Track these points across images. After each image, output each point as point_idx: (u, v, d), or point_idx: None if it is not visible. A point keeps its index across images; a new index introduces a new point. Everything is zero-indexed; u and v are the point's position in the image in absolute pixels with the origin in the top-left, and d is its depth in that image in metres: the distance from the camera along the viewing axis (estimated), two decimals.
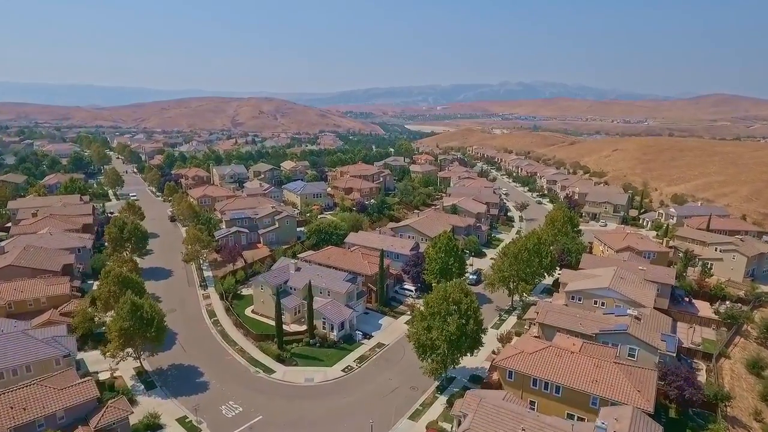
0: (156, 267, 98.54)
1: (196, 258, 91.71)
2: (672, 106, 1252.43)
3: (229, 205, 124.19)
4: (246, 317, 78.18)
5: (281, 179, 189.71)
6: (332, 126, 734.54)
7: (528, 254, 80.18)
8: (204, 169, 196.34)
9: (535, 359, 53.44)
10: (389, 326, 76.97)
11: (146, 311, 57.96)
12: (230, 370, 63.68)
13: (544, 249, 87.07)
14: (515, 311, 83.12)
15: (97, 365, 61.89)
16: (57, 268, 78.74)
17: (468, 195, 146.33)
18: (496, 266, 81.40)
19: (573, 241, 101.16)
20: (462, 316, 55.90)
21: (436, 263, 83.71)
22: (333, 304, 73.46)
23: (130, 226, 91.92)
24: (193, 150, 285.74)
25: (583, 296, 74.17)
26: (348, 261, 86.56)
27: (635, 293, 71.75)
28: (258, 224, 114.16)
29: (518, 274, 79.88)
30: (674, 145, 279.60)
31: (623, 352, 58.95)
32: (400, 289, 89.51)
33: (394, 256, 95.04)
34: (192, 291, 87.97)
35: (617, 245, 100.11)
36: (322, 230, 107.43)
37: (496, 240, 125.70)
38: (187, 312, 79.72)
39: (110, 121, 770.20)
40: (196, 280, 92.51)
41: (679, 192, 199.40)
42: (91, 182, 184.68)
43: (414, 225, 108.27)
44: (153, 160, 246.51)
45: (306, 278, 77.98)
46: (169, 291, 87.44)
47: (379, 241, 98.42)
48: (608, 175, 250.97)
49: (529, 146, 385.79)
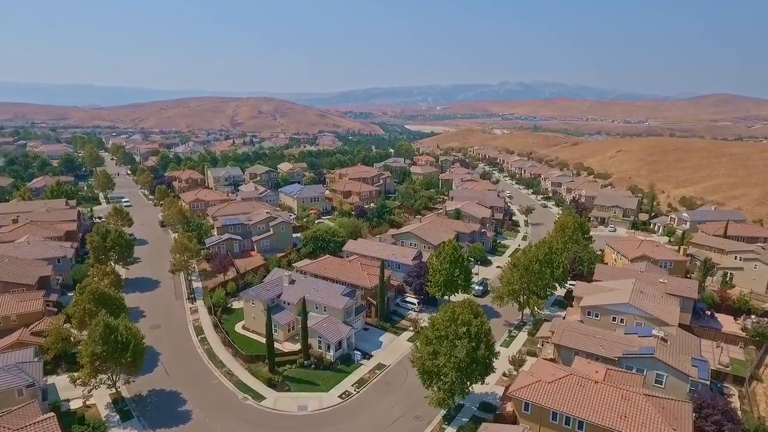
0: (142, 277, 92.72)
1: (183, 269, 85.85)
2: (672, 106, 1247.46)
3: (222, 210, 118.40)
4: (236, 334, 72.47)
5: (278, 182, 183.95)
6: (332, 126, 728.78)
7: (539, 265, 74.54)
8: (198, 171, 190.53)
9: (554, 389, 47.76)
10: (390, 344, 71.25)
11: (121, 334, 52.21)
12: (216, 396, 57.93)
13: (556, 259, 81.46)
14: (525, 326, 77.41)
15: (69, 392, 56.01)
16: (32, 281, 72.93)
17: (471, 199, 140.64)
18: (505, 278, 75.70)
19: (585, 250, 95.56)
20: (472, 339, 50.25)
21: (440, 275, 78.08)
22: (329, 321, 67.76)
23: (114, 234, 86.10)
24: (189, 151, 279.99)
25: (601, 312, 68.53)
26: (346, 272, 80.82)
27: (658, 310, 66.09)
28: (252, 231, 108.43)
29: (529, 287, 74.28)
30: (680, 146, 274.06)
31: (649, 378, 53.30)
32: (401, 302, 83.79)
33: (395, 266, 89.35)
34: (179, 304, 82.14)
35: (631, 254, 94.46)
36: (318, 237, 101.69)
37: (502, 246, 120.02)
38: (173, 328, 73.95)
39: (108, 121, 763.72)
40: (184, 291, 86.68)
41: (687, 194, 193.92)
42: (81, 185, 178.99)
43: (416, 232, 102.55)
44: (147, 161, 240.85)
45: (301, 292, 72.43)
46: (154, 304, 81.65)
47: (380, 250, 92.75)
48: (613, 177, 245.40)
49: (531, 147, 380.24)
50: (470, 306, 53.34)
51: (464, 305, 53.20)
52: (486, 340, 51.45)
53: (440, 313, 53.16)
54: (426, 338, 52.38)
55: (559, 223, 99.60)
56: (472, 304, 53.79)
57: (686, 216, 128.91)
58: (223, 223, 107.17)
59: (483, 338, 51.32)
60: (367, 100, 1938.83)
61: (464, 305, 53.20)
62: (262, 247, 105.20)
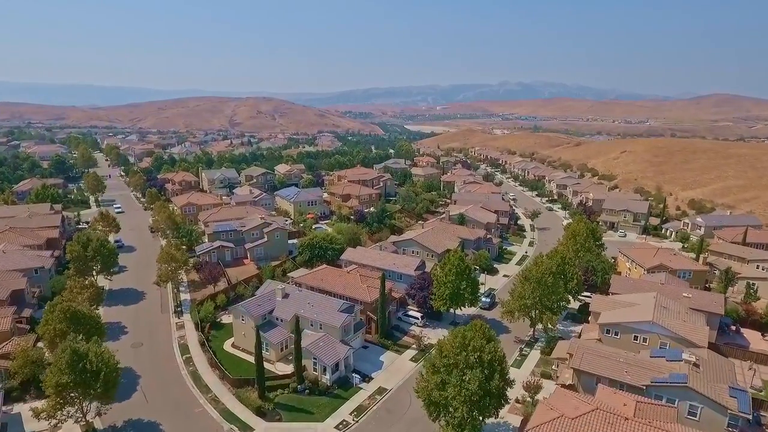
0: (127, 288, 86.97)
1: (169, 281, 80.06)
2: (673, 107, 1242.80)
3: (215, 215, 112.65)
4: (224, 353, 66.79)
5: (275, 184, 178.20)
6: (331, 126, 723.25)
7: (553, 278, 68.91)
8: (193, 173, 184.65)
9: (579, 427, 42.09)
10: (392, 364, 65.56)
11: (91, 361, 46.48)
12: (199, 427, 52.18)
13: (570, 270, 75.92)
14: (538, 343, 71.76)
15: (37, 423, 50.32)
16: (2, 296, 67.19)
17: (475, 202, 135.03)
18: (516, 292, 70.01)
19: (598, 258, 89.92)
20: (484, 368, 44.62)
21: (445, 287, 72.47)
22: (326, 341, 62.10)
23: (95, 242, 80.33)
24: (185, 152, 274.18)
25: (621, 331, 62.89)
26: (344, 284, 75.14)
27: (685, 329, 60.46)
28: (245, 237, 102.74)
29: (542, 301, 68.65)
30: (686, 147, 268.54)
31: (682, 409, 47.65)
32: (403, 316, 78.06)
33: (396, 277, 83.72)
34: (164, 319, 76.41)
35: (648, 262, 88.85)
36: (315, 245, 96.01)
37: (508, 253, 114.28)
38: (156, 347, 68.23)
39: (106, 121, 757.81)
40: (170, 304, 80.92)
41: (696, 197, 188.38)
42: (71, 187, 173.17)
43: (418, 239, 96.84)
44: (142, 162, 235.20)
45: (295, 307, 66.81)
46: (137, 319, 75.92)
47: (380, 259, 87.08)
48: (618, 178, 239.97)
49: (533, 147, 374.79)
50: (482, 329, 47.65)
51: (476, 328, 47.51)
52: (501, 369, 45.82)
53: (449, 338, 47.49)
54: (433, 366, 46.76)
55: (571, 230, 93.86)
56: (484, 327, 48.10)
57: (700, 221, 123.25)
58: (215, 229, 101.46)
59: (497, 366, 45.71)
60: (367, 100, 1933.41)
61: (476, 328, 47.51)
62: (256, 255, 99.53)
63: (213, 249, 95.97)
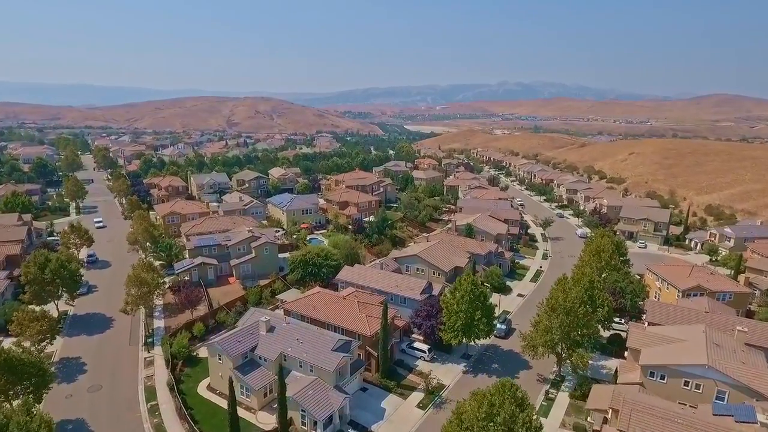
0: (94, 314, 76.65)
1: (139, 308, 69.69)
2: (673, 107, 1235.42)
3: (198, 226, 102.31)
4: (198, 398, 56.63)
5: (268, 189, 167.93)
6: (330, 126, 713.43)
7: (584, 308, 58.85)
8: (182, 177, 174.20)
9: None
10: (395, 412, 55.36)
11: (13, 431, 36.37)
12: None
13: (599, 295, 65.88)
14: (565, 383, 61.72)
15: None
16: None
17: (481, 209, 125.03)
18: (541, 325, 59.88)
19: (626, 278, 79.80)
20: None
21: (457, 317, 62.51)
22: (317, 388, 51.94)
23: (55, 263, 70.03)
24: (177, 153, 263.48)
25: (668, 374, 52.73)
26: (340, 313, 64.95)
27: (747, 375, 50.31)
28: (231, 253, 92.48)
29: (571, 335, 58.57)
30: (697, 149, 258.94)
31: None
32: (408, 348, 67.88)
33: (399, 301, 73.59)
34: (132, 353, 66.09)
35: (682, 283, 78.83)
36: (309, 261, 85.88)
37: (521, 268, 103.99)
38: (117, 391, 57.90)
39: (102, 121, 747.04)
40: (141, 334, 70.60)
41: (713, 202, 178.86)
42: (50, 193, 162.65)
43: (423, 255, 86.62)
44: (131, 165, 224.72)
45: (280, 343, 56.76)
46: (100, 353, 65.65)
47: (381, 280, 76.86)
48: (627, 182, 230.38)
49: (536, 148, 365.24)
50: (512, 392, 37.60)
51: (504, 391, 37.45)
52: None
53: (471, 404, 37.42)
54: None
55: (594, 246, 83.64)
56: (514, 389, 38.05)
57: (729, 232, 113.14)
58: (196, 244, 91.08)
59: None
60: (366, 99, 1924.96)
61: (504, 391, 37.45)
62: (243, 272, 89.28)
63: (194, 266, 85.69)
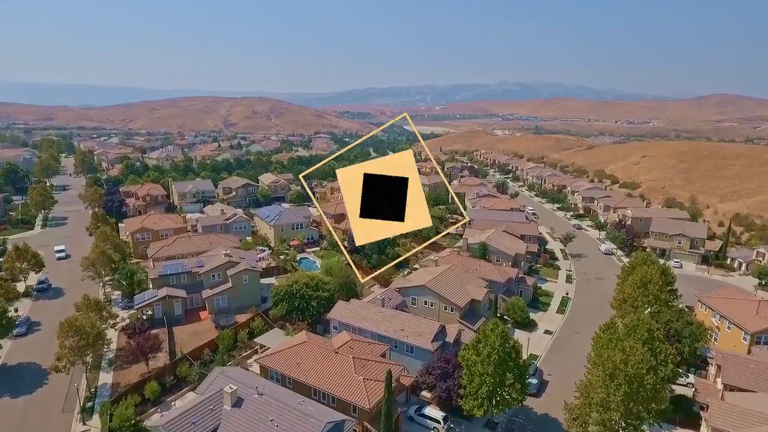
0: (27, 364, 62.00)
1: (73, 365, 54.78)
2: (674, 107, 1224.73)
3: (168, 247, 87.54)
4: None
5: (257, 198, 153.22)
6: (328, 127, 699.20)
7: (652, 376, 44.38)
8: (164, 184, 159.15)
9: None
10: None
11: None
12: None
13: (661, 348, 51.50)
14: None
15: None
16: None
17: (494, 222, 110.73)
18: (595, 398, 45.36)
19: (680, 318, 65.32)
20: None
21: (482, 382, 48.05)
22: None
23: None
24: (164, 157, 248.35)
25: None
26: (331, 375, 50.34)
27: None
28: (203, 281, 77.82)
29: (633, 409, 44.16)
30: (714, 152, 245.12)
31: None
32: (417, 416, 53.38)
33: (405, 349, 59.17)
34: (64, 424, 51.43)
35: (750, 324, 64.51)
36: (295, 293, 71.31)
37: (544, 294, 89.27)
38: None
39: (96, 121, 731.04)
40: (80, 395, 55.80)
41: (740, 210, 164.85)
42: (16, 202, 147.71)
43: (432, 286, 71.88)
44: (113, 169, 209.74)
45: (249, 424, 42.07)
46: (22, 426, 50.92)
47: (382, 321, 62.29)
48: (642, 187, 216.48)
49: (542, 150, 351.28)
50: None
51: None
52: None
53: None
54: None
55: (640, 277, 69.01)
56: None
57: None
58: (161, 272, 76.17)
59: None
60: (366, 99, 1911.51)
61: None
62: (217, 305, 74.61)
63: (156, 300, 70.95)
